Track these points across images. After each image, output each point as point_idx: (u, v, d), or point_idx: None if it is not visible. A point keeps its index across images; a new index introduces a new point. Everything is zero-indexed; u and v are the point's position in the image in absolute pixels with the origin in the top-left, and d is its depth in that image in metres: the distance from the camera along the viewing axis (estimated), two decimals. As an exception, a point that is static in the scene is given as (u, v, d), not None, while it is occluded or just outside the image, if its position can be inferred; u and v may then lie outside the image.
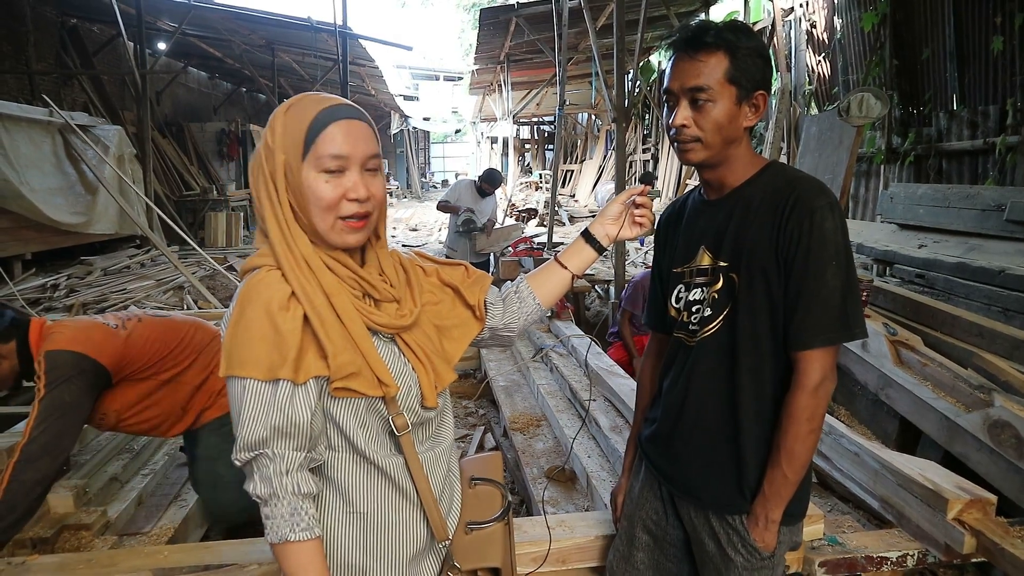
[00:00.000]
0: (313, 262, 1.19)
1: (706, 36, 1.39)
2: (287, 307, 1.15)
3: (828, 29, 8.99)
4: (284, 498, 1.15)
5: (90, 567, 1.93)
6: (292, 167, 1.17)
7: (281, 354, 1.12)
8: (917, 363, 3.62)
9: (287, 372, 1.12)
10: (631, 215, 1.52)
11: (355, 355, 1.18)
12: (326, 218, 1.18)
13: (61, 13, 11.16)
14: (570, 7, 10.06)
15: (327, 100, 1.21)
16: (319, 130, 1.17)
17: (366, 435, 1.23)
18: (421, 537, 1.30)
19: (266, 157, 1.19)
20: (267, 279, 1.17)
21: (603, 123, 19.33)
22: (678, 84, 1.42)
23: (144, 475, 2.99)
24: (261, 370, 1.12)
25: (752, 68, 1.40)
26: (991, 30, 6.08)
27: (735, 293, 1.45)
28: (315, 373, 1.16)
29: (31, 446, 2.03)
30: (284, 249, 1.18)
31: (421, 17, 59.69)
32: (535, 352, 4.74)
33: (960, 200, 5.45)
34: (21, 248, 7.82)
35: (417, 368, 1.27)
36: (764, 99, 1.44)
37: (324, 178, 1.17)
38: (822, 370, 1.38)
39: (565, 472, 3.06)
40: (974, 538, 2.08)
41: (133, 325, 2.37)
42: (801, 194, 1.38)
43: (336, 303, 1.19)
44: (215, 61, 15.43)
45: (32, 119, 8.16)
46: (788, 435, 1.39)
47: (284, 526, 1.15)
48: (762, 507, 1.44)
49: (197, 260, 9.20)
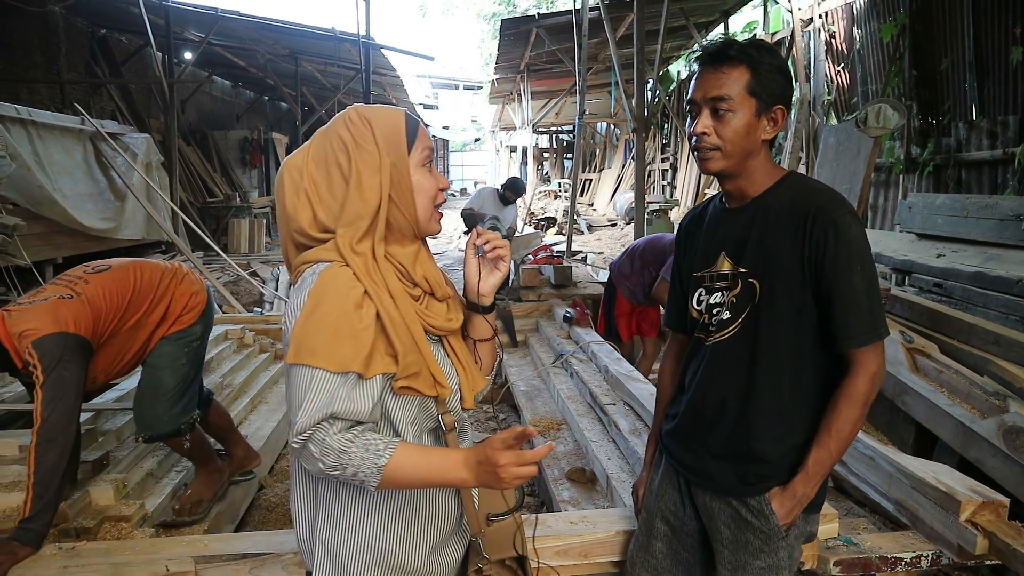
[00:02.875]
0: (383, 264, 1.27)
1: (730, 50, 1.49)
2: (362, 305, 1.21)
3: (847, 40, 9.02)
4: (350, 447, 1.16)
5: (135, 554, 2.03)
6: (399, 167, 1.28)
7: (355, 349, 1.18)
8: (933, 370, 3.65)
9: (358, 366, 1.18)
10: (485, 259, 1.38)
11: (418, 356, 1.25)
12: (429, 207, 1.31)
13: (91, 24, 11.41)
14: (590, 18, 10.16)
15: (391, 107, 1.35)
16: (415, 130, 1.31)
17: (415, 430, 1.30)
18: (449, 524, 1.37)
19: (363, 162, 1.26)
20: (342, 275, 1.22)
21: (622, 132, 19.38)
22: (700, 94, 1.51)
23: (178, 471, 3.11)
24: (333, 362, 1.16)
25: (772, 83, 1.49)
26: (1010, 40, 6.09)
27: (756, 298, 1.53)
28: (382, 370, 1.22)
29: (46, 427, 2.18)
30: (360, 249, 1.25)
31: (441, 27, 60.17)
32: (555, 358, 4.82)
33: (978, 210, 5.46)
34: (53, 252, 7.99)
35: (459, 371, 1.35)
36: (783, 114, 1.53)
37: (426, 171, 1.31)
38: (878, 359, 1.49)
39: (585, 473, 3.13)
40: (987, 539, 2.12)
41: (83, 287, 2.46)
42: (822, 205, 1.47)
43: (400, 305, 1.26)
44: (239, 70, 15.65)
45: (64, 127, 8.35)
46: (841, 416, 1.48)
47: (370, 462, 1.16)
48: (803, 483, 1.53)
49: (221, 266, 9.36)
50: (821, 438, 1.51)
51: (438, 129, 32.45)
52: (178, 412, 2.70)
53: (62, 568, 1.98)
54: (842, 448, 1.50)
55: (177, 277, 2.77)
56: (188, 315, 2.74)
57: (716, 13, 12.18)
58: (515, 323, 5.74)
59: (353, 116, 1.28)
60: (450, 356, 1.35)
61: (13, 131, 7.33)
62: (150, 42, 10.22)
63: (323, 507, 1.32)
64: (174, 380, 2.69)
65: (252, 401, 4.11)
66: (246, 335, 5.01)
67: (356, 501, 1.31)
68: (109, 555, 2.03)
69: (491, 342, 1.45)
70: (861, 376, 1.47)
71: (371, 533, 1.31)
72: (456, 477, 1.19)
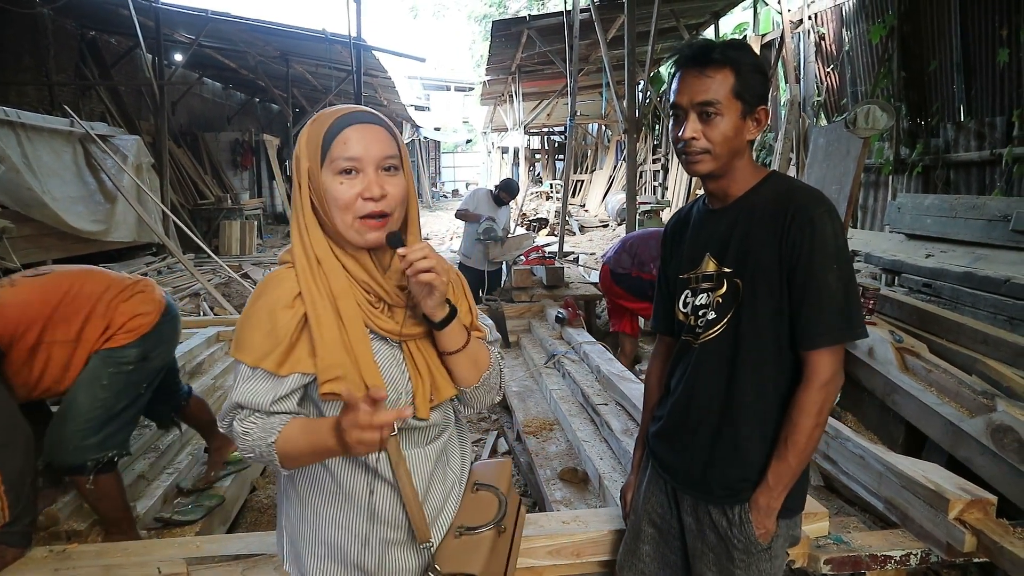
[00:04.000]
0: (327, 264, 1.28)
1: (713, 53, 1.48)
2: (291, 305, 1.26)
3: (837, 41, 9.07)
4: (252, 429, 1.25)
5: (127, 555, 2.02)
6: (313, 172, 1.28)
7: (271, 345, 1.24)
8: (922, 369, 3.68)
9: (270, 363, 1.24)
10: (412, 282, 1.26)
11: (343, 357, 1.25)
12: (344, 217, 1.27)
13: (81, 26, 11.35)
14: (581, 19, 10.18)
15: (346, 109, 1.31)
16: (334, 136, 1.27)
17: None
18: (400, 525, 1.35)
19: (295, 165, 1.30)
20: (280, 276, 1.30)
21: (613, 134, 19.42)
22: (687, 99, 1.50)
23: (169, 473, 3.10)
24: (251, 356, 1.25)
25: (755, 84, 1.49)
26: (997, 42, 6.15)
27: (739, 298, 1.53)
28: (301, 369, 1.26)
29: None
30: (299, 250, 1.29)
31: (433, 28, 60.21)
32: (548, 358, 4.83)
33: (967, 210, 5.50)
34: (43, 255, 7.95)
35: (414, 378, 1.33)
36: (766, 114, 1.53)
37: (340, 180, 1.27)
38: (831, 367, 1.47)
39: (578, 473, 3.14)
40: (975, 537, 2.13)
41: (5, 290, 2.33)
42: (801, 203, 1.47)
43: (341, 305, 1.27)
44: (230, 72, 15.60)
45: (54, 129, 8.31)
46: (796, 428, 1.48)
47: (263, 440, 1.24)
48: (765, 496, 1.53)
49: (212, 268, 9.34)
50: (779, 450, 1.51)
51: (430, 130, 32.42)
52: (90, 445, 2.37)
53: (53, 571, 1.97)
54: (802, 459, 1.49)
55: (126, 294, 2.52)
56: (123, 335, 2.46)
57: (706, 15, 12.21)
58: (507, 324, 5.74)
59: (312, 118, 1.32)
60: (407, 362, 1.34)
61: (2, 133, 7.29)
62: (140, 44, 10.19)
63: (285, 498, 1.41)
64: (88, 403, 2.38)
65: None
66: (238, 337, 4.99)
67: (309, 493, 1.36)
68: (100, 557, 2.02)
69: (462, 354, 1.36)
70: (813, 384, 1.47)
71: (324, 526, 1.35)
72: (327, 445, 1.18)
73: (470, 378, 1.40)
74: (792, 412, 1.49)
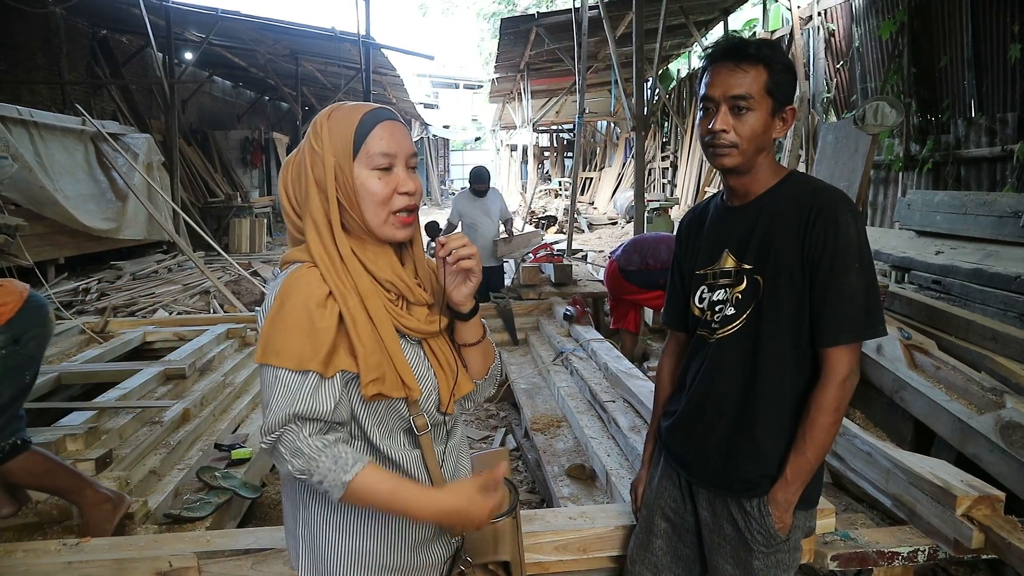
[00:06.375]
0: (351, 264, 1.26)
1: (749, 48, 1.50)
2: (324, 305, 1.21)
3: (846, 37, 9.03)
4: (320, 455, 1.17)
5: (138, 549, 2.04)
6: (343, 167, 1.25)
7: (313, 348, 1.18)
8: (931, 366, 3.67)
9: (316, 365, 1.18)
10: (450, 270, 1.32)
11: (383, 356, 1.24)
12: (380, 213, 1.26)
13: (92, 25, 11.45)
14: (590, 16, 10.18)
15: (369, 105, 1.31)
16: (367, 131, 1.26)
17: (381, 431, 1.29)
18: (429, 525, 1.34)
19: (312, 162, 1.26)
20: (307, 276, 1.23)
21: (622, 131, 19.39)
22: (720, 91, 1.51)
23: (180, 469, 3.12)
24: (292, 361, 1.18)
25: (785, 83, 1.52)
26: (1009, 37, 6.10)
27: (759, 294, 1.55)
28: (343, 367, 1.22)
29: None
30: (320, 250, 1.25)
31: (441, 26, 60.26)
32: (556, 356, 4.84)
33: (977, 207, 5.47)
34: (55, 253, 8.03)
35: (438, 374, 1.34)
36: (792, 113, 1.56)
37: (376, 175, 1.26)
38: (849, 365, 1.49)
39: (585, 470, 3.15)
40: (982, 534, 2.13)
41: None
42: (825, 203, 1.49)
43: (369, 305, 1.25)
44: (239, 70, 15.68)
45: (66, 128, 8.39)
46: (815, 424, 1.49)
47: (337, 475, 1.17)
48: (783, 490, 1.54)
49: (222, 265, 9.39)
50: (797, 445, 1.52)
51: (439, 128, 32.47)
52: None
53: (66, 564, 1.99)
54: (819, 454, 1.52)
55: None
56: None
57: (716, 11, 12.18)
58: (516, 321, 5.76)
59: (322, 114, 1.29)
60: (428, 359, 1.34)
61: (15, 132, 7.36)
62: (151, 43, 10.26)
63: (306, 508, 1.33)
64: None
65: (253, 400, 4.13)
66: (247, 334, 5.04)
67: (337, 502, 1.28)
68: (112, 551, 2.05)
69: (478, 346, 1.42)
70: (832, 381, 1.48)
71: (354, 534, 1.31)
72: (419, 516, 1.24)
73: (482, 370, 1.44)
74: (810, 408, 1.51)
